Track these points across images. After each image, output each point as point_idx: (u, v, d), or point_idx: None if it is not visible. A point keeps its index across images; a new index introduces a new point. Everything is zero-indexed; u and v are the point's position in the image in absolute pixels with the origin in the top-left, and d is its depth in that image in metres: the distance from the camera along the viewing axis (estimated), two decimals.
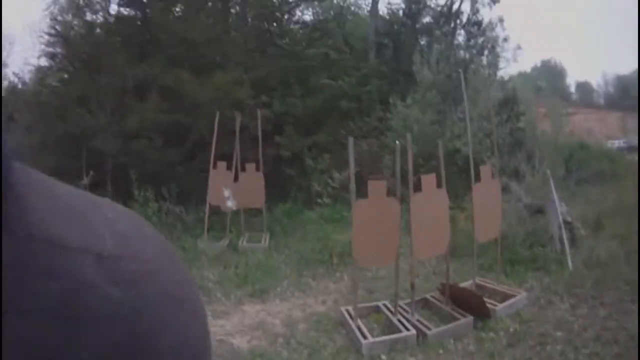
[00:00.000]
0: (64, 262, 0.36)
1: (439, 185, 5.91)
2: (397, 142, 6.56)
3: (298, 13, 20.86)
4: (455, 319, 5.81)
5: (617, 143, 38.22)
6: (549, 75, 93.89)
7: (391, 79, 17.48)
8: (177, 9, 16.37)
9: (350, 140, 6.01)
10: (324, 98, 15.80)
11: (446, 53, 16.13)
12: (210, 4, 17.92)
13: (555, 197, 8.41)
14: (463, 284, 6.72)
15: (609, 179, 16.17)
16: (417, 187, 5.81)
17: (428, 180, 5.77)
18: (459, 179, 9.58)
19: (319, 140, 14.68)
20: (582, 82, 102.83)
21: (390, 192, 6.10)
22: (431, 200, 5.73)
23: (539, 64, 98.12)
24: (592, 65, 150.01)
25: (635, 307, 6.16)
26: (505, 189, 9.44)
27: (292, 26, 19.81)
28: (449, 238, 6.05)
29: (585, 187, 14.43)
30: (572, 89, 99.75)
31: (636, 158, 13.36)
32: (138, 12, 15.18)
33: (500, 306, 6.18)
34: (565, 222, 8.51)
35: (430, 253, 6.25)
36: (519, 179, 10.25)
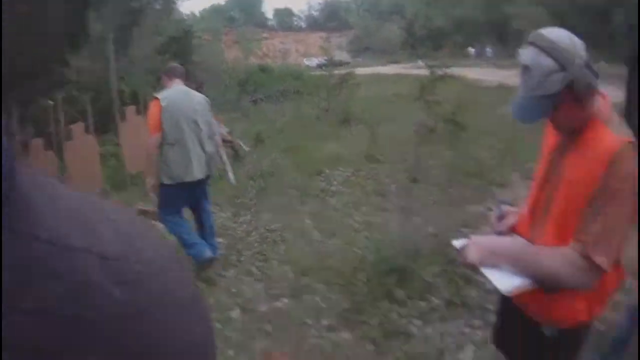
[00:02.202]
0: (67, 262, 0.35)
1: (87, 130, 6.11)
2: (49, 102, 6.07)
3: None
4: None
5: (316, 61, 40.45)
6: (243, 5, 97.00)
7: (73, 36, 16.97)
8: None
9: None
10: (6, 62, 14.83)
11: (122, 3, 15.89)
12: None
13: (213, 121, 8.34)
14: None
15: (290, 96, 16.86)
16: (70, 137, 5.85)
17: (76, 128, 5.88)
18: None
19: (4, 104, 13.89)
20: (281, 8, 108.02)
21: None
22: (81, 145, 5.82)
23: None
24: None
25: (302, 208, 6.62)
26: None
27: None
28: (100, 175, 6.17)
29: (262, 106, 14.87)
30: (270, 15, 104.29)
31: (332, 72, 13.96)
32: None
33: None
34: (226, 142, 8.60)
35: (85, 191, 5.99)
36: None
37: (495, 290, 1.94)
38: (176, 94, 4.68)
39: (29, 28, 16.36)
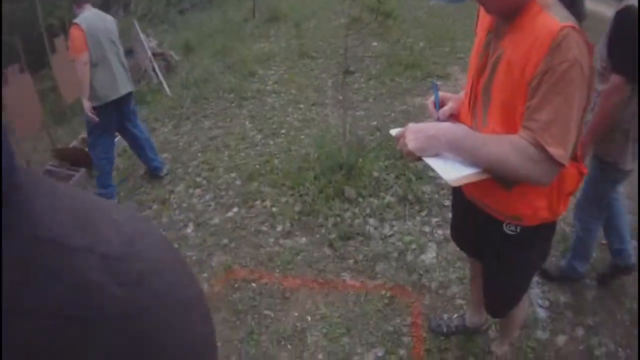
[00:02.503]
0: (69, 262, 0.36)
1: (21, 71, 5.82)
2: None
3: None
4: (71, 176, 5.80)
5: None
6: None
7: None
8: None
9: None
10: None
11: None
12: None
13: (142, 35, 8.17)
14: (72, 144, 6.60)
15: (216, 2, 16.35)
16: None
17: (10, 72, 5.63)
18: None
19: None
20: None
21: None
22: (18, 87, 5.65)
23: None
24: None
25: (240, 111, 6.61)
26: None
27: None
28: (40, 112, 6.03)
29: (189, 15, 14.40)
30: None
31: None
32: None
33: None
34: (157, 54, 8.48)
35: (27, 132, 6.08)
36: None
37: (448, 186, 1.87)
38: (92, 16, 4.73)
39: None
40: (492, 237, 2.07)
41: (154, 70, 8.11)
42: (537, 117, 1.59)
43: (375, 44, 8.15)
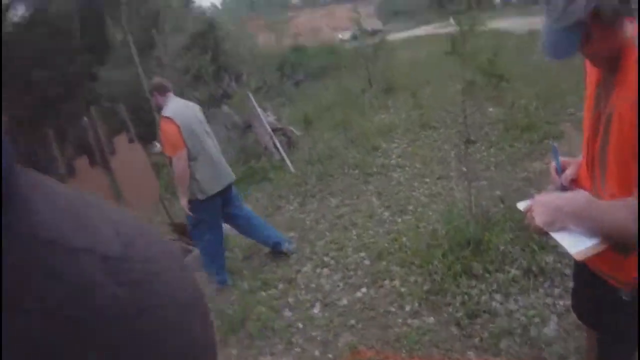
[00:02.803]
0: (69, 263, 0.36)
1: (131, 141, 5.95)
2: (85, 118, 6.14)
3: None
4: (189, 251, 5.81)
5: (348, 33, 39.93)
6: None
7: (95, 48, 17.84)
8: None
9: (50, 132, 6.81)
10: (39, 90, 16.07)
11: (136, 6, 16.13)
12: None
13: (259, 109, 8.38)
14: None
15: (330, 72, 16.75)
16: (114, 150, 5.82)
17: (119, 140, 5.80)
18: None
19: (43, 131, 14.27)
20: None
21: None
22: (128, 157, 5.74)
23: None
24: None
25: (366, 188, 6.58)
26: (213, 116, 9.52)
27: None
28: (157, 184, 6.08)
29: (304, 87, 14.80)
30: None
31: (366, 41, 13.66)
32: None
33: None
34: (277, 129, 8.62)
35: (142, 203, 6.16)
36: (229, 101, 10.21)
37: (568, 254, 1.84)
38: (181, 107, 4.60)
39: (50, 52, 16.99)
40: (609, 304, 1.99)
41: (275, 146, 8.24)
42: None
43: (491, 109, 7.98)
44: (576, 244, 1.68)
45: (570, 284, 3.16)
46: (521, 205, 1.93)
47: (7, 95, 15.55)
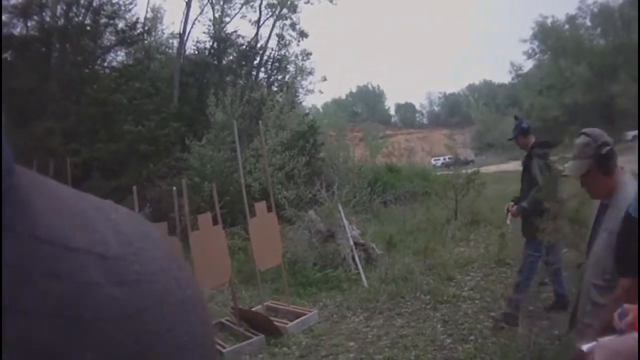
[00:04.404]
0: (67, 262, 0.36)
1: (215, 222, 6.20)
2: (173, 188, 6.56)
3: (111, 56, 20.90)
4: (248, 337, 6.07)
5: (441, 160, 40.10)
6: (366, 99, 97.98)
7: (193, 119, 18.22)
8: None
9: (134, 188, 6.77)
10: (126, 142, 16.37)
11: (241, 92, 16.65)
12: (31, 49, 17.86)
13: (345, 222, 8.74)
14: (256, 308, 6.98)
15: (419, 197, 16.95)
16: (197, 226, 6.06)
17: (203, 219, 6.06)
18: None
19: (122, 182, 14.73)
20: (403, 103, 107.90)
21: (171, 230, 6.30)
22: (208, 236, 5.98)
23: (354, 90, 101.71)
24: (414, 86, 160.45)
25: (434, 314, 6.70)
26: (299, 218, 10.05)
27: (103, 71, 19.95)
28: (230, 268, 6.32)
29: (392, 207, 15.04)
30: (392, 111, 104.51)
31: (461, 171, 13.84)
32: None
33: (291, 324, 6.46)
34: (358, 244, 8.86)
35: (213, 283, 6.45)
36: (317, 207, 10.48)
37: None
38: None
39: (144, 111, 17.29)
40: None
41: (353, 259, 8.49)
42: None
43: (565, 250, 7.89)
44: None
45: None
46: (586, 347, 1.98)
47: (92, 139, 16.17)
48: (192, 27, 22.17)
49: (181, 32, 21.78)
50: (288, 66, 24.70)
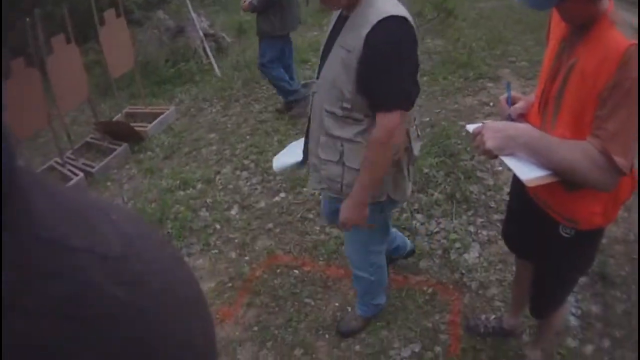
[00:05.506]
0: (68, 262, 0.36)
1: (68, 41, 5.89)
2: (26, 19, 5.87)
3: None
4: (113, 150, 6.02)
5: None
6: None
7: None
8: None
9: None
10: None
11: None
12: None
13: (194, 14, 8.27)
14: (116, 117, 6.82)
15: None
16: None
17: (56, 40, 5.74)
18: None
19: None
20: None
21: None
22: (63, 56, 5.74)
23: None
24: None
25: None
26: (148, 19, 9.52)
27: None
28: (87, 85, 6.10)
29: None
30: None
31: None
32: None
33: (150, 126, 6.39)
34: (208, 35, 8.62)
35: (73, 104, 6.19)
36: (165, 6, 9.93)
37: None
38: None
39: None
40: (547, 237, 2.16)
41: (204, 50, 8.23)
42: (605, 127, 1.70)
43: (429, 40, 7.97)
44: (528, 172, 1.81)
45: (495, 216, 3.31)
46: (471, 127, 2.03)
47: None
48: None
49: None
50: None
